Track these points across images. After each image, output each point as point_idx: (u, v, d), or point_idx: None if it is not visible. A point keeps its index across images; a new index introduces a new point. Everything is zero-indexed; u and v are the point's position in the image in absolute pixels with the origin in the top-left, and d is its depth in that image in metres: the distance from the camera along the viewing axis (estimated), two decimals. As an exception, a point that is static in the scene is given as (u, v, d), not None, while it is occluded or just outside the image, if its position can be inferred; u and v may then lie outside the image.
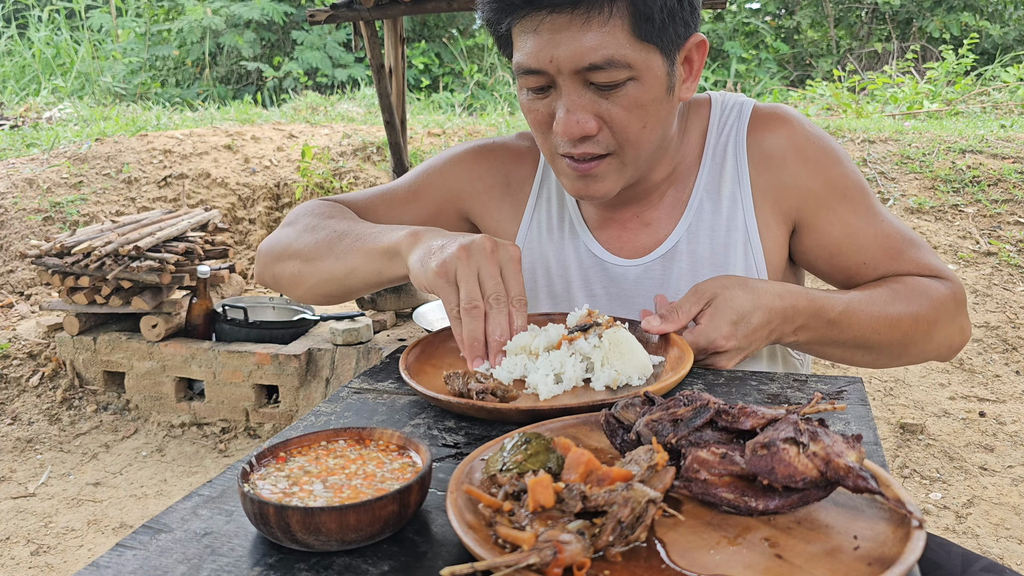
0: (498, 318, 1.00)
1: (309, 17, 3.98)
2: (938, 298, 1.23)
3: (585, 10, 1.04)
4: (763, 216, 1.27)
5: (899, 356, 1.25)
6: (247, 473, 0.71)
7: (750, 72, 10.69)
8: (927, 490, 3.07)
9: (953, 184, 4.93)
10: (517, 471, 0.70)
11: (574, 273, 1.35)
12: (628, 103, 1.10)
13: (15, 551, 2.97)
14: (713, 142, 1.30)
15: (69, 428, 3.91)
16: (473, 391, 0.93)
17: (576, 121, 1.10)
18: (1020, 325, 3.95)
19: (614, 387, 0.97)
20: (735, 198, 1.28)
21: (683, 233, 1.29)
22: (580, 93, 1.10)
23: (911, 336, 1.21)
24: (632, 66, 1.07)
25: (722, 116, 1.32)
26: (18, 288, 4.88)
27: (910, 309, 1.20)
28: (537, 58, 1.08)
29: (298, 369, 3.82)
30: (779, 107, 1.31)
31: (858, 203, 1.27)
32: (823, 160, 1.26)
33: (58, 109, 7.91)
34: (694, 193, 1.29)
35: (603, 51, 1.05)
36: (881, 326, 1.18)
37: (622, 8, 1.05)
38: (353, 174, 5.76)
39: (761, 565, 0.60)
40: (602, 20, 1.05)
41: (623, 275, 1.31)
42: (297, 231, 1.31)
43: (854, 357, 1.24)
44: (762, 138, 1.28)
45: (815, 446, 0.65)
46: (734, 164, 1.28)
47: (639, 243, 1.32)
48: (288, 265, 1.30)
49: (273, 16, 10.35)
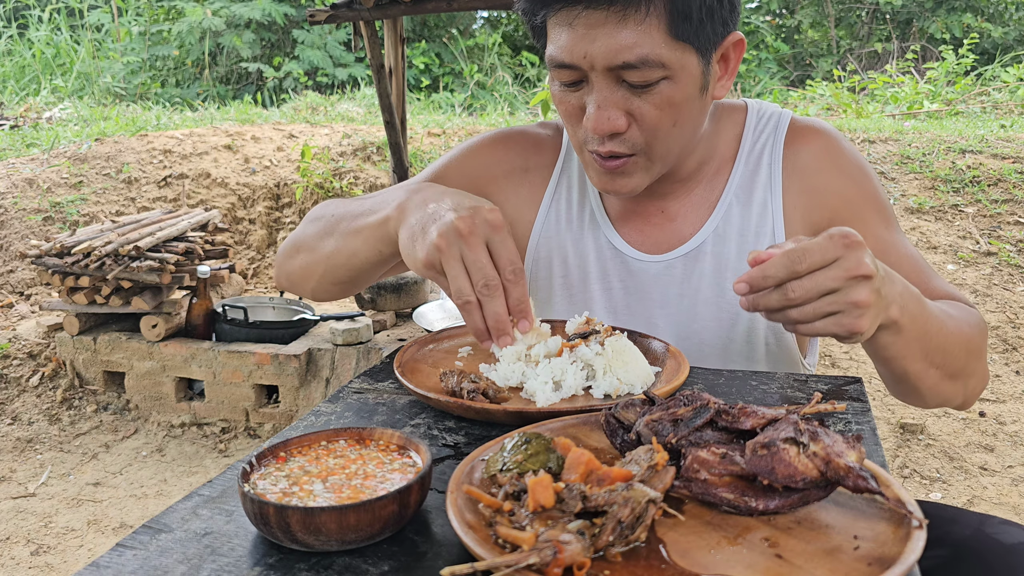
0: (492, 305, 0.96)
1: (309, 17, 3.98)
2: (978, 321, 1.18)
3: (622, 7, 1.03)
4: (792, 226, 1.26)
5: (959, 373, 1.13)
6: (247, 473, 0.71)
7: (750, 72, 10.69)
8: (927, 490, 3.07)
9: (953, 184, 4.93)
10: (517, 471, 0.70)
11: (592, 264, 1.33)
12: (660, 102, 1.08)
13: (15, 551, 2.97)
14: (748, 147, 1.29)
15: (69, 428, 3.91)
16: (465, 391, 0.92)
17: (607, 118, 1.08)
18: (1020, 325, 3.95)
19: (615, 396, 0.96)
20: (766, 205, 1.26)
21: (710, 234, 1.27)
22: (612, 90, 1.08)
23: (969, 348, 1.13)
24: (667, 65, 1.05)
25: (758, 123, 1.31)
26: (18, 288, 4.88)
27: (964, 321, 1.13)
28: (571, 53, 1.07)
29: (298, 369, 3.82)
30: (816, 121, 1.30)
31: (888, 220, 1.26)
32: (857, 173, 1.26)
33: (58, 109, 7.91)
34: (724, 195, 1.28)
35: (638, 50, 1.04)
36: (950, 327, 1.09)
37: (659, 6, 1.03)
38: (353, 174, 5.76)
39: (761, 565, 0.60)
40: (639, 18, 1.03)
41: (643, 270, 1.30)
42: (303, 227, 1.30)
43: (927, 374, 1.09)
44: (799, 149, 1.27)
45: (815, 446, 0.65)
46: (768, 172, 1.27)
47: (662, 238, 1.30)
48: (296, 260, 1.28)
49: (273, 16, 10.35)
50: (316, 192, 5.61)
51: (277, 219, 5.70)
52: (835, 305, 0.89)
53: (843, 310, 0.89)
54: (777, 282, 0.89)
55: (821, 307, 0.89)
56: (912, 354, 1.03)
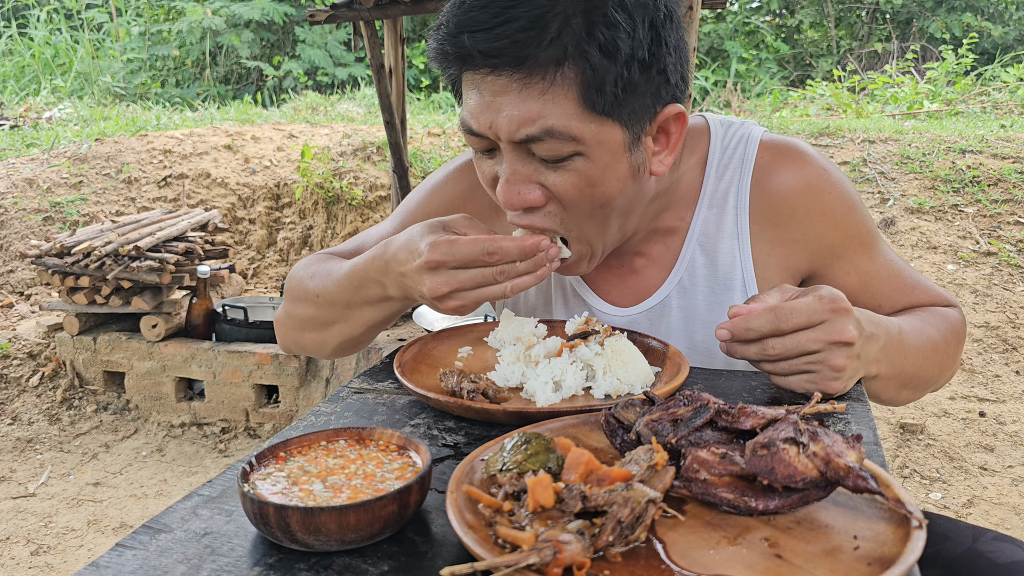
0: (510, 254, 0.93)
1: (309, 17, 3.98)
2: (955, 323, 1.21)
3: (526, 74, 0.93)
4: (766, 273, 1.19)
5: (931, 384, 1.19)
6: (247, 473, 0.71)
7: (750, 72, 10.70)
8: (927, 490, 3.07)
9: (953, 184, 4.93)
10: (517, 471, 0.70)
11: (560, 314, 1.29)
12: (576, 180, 0.99)
13: (15, 551, 2.97)
14: (711, 187, 1.19)
15: (69, 428, 3.91)
16: (464, 390, 0.92)
17: (517, 192, 1.00)
18: (1020, 325, 3.95)
19: (615, 397, 0.96)
20: (733, 256, 1.19)
21: (673, 288, 1.21)
22: (523, 162, 0.99)
23: (943, 362, 1.17)
24: (578, 139, 0.95)
25: (723, 155, 1.20)
26: (18, 288, 4.88)
27: (939, 335, 1.16)
28: (477, 121, 0.98)
29: (298, 369, 3.82)
30: (790, 144, 1.19)
31: (871, 248, 1.21)
32: (839, 210, 1.17)
33: (58, 109, 7.91)
34: (687, 245, 1.20)
35: (541, 122, 0.94)
36: (927, 351, 1.12)
37: (568, 75, 0.93)
38: (353, 174, 5.76)
39: (761, 565, 0.60)
40: (543, 87, 0.93)
41: (610, 323, 1.23)
42: (294, 302, 1.25)
43: (900, 395, 1.15)
44: (770, 185, 1.17)
45: (815, 446, 0.65)
46: (734, 217, 1.18)
47: (627, 291, 1.25)
48: (307, 337, 1.25)
49: (273, 16, 10.35)
50: (316, 192, 5.62)
51: (277, 219, 5.70)
52: (812, 366, 0.92)
53: (819, 371, 0.93)
54: (759, 336, 0.93)
55: (797, 365, 0.93)
56: (887, 389, 1.09)
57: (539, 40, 0.91)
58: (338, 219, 5.63)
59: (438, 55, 0.99)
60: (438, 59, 1.00)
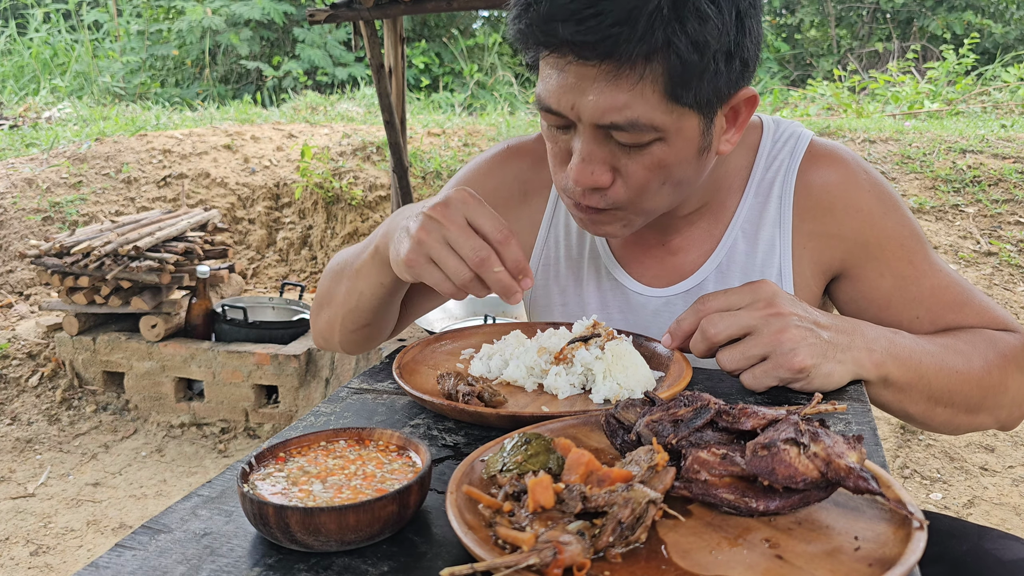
0: (492, 275, 0.93)
1: (309, 17, 3.98)
2: (1006, 349, 1.12)
3: (615, 65, 0.92)
4: (800, 266, 1.20)
5: (978, 409, 1.11)
6: (246, 473, 0.71)
7: (750, 72, 10.69)
8: (927, 490, 3.07)
9: (954, 184, 4.93)
10: (517, 471, 0.70)
11: (591, 295, 1.28)
12: (650, 163, 1.00)
13: (15, 551, 2.97)
14: (759, 175, 1.21)
15: (68, 428, 3.91)
16: (461, 393, 0.92)
17: (590, 172, 1.01)
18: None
19: (614, 401, 0.95)
20: (773, 243, 1.20)
21: (712, 271, 1.22)
22: (599, 144, 1.00)
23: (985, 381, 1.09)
24: (660, 128, 0.96)
25: (773, 147, 1.22)
26: (18, 288, 4.88)
27: (976, 351, 1.09)
28: (558, 101, 0.98)
29: (298, 369, 3.81)
30: (837, 147, 1.22)
31: (913, 252, 1.18)
32: (876, 209, 1.17)
33: (57, 109, 7.91)
34: (730, 228, 1.21)
35: (628, 112, 0.94)
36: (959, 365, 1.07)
37: (657, 69, 0.92)
38: (353, 174, 5.76)
39: (762, 566, 0.60)
40: (632, 79, 0.93)
41: (643, 304, 1.24)
42: (321, 283, 1.29)
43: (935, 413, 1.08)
44: (813, 178, 1.19)
45: (816, 447, 0.65)
46: (778, 206, 1.20)
47: (663, 272, 1.24)
48: (322, 316, 1.27)
49: (273, 16, 10.35)
50: (316, 192, 5.61)
51: (277, 219, 5.70)
52: (761, 347, 0.94)
53: (772, 352, 0.93)
54: (691, 327, 0.99)
55: (749, 351, 0.94)
56: (909, 398, 1.05)
57: (630, 36, 0.90)
58: (338, 219, 5.63)
59: (523, 36, 0.98)
60: (521, 40, 0.99)
